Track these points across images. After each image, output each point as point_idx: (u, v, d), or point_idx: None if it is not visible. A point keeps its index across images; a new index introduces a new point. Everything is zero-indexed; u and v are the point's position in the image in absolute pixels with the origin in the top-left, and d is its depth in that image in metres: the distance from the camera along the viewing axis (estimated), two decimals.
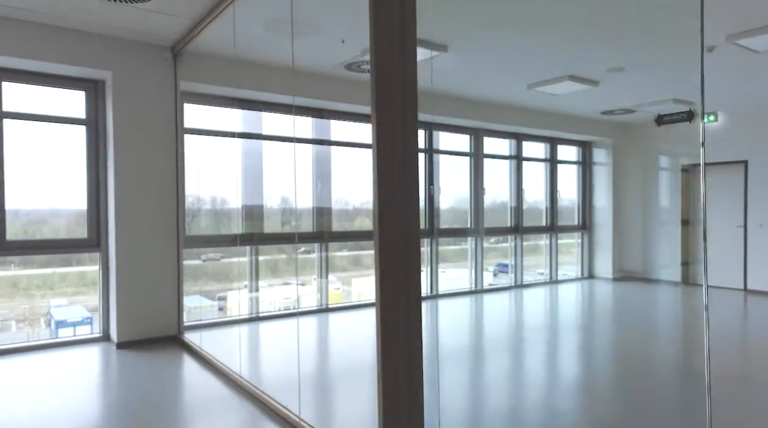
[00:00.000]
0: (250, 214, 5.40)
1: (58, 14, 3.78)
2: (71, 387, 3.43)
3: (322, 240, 5.91)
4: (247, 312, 5.57)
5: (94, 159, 4.56)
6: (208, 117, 5.07)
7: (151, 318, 4.44)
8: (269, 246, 5.74)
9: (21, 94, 4.26)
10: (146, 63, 4.42)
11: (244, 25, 3.90)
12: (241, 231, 5.39)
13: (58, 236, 4.54)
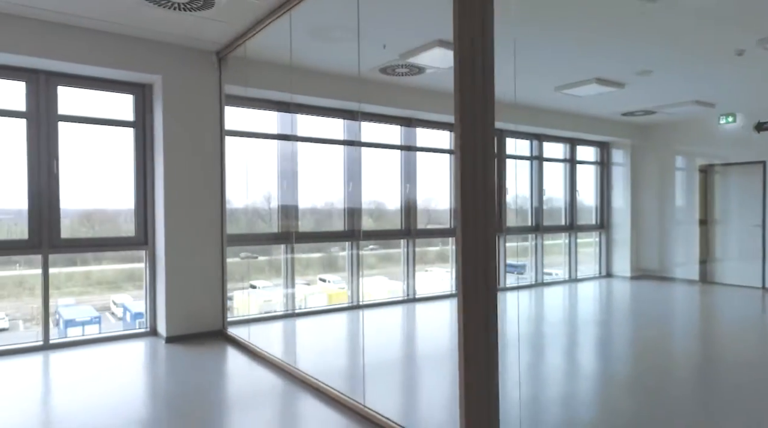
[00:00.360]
0: (285, 213, 5.56)
1: (113, 21, 3.94)
2: (136, 377, 3.60)
3: (354, 239, 6.07)
4: (286, 308, 5.73)
5: (141, 160, 4.73)
6: (248, 119, 5.23)
7: (197, 313, 4.61)
8: (302, 244, 5.90)
9: (75, 98, 4.43)
10: (193, 67, 4.58)
11: (286, 32, 4.06)
12: (281, 230, 5.55)
13: (108, 234, 4.71)
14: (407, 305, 6.42)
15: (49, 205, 4.29)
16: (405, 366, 3.99)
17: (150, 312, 4.76)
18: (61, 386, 3.41)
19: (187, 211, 4.57)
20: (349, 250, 6.16)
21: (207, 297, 4.66)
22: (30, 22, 3.89)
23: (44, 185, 4.27)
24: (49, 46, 3.97)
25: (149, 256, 4.74)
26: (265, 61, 4.78)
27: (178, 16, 3.81)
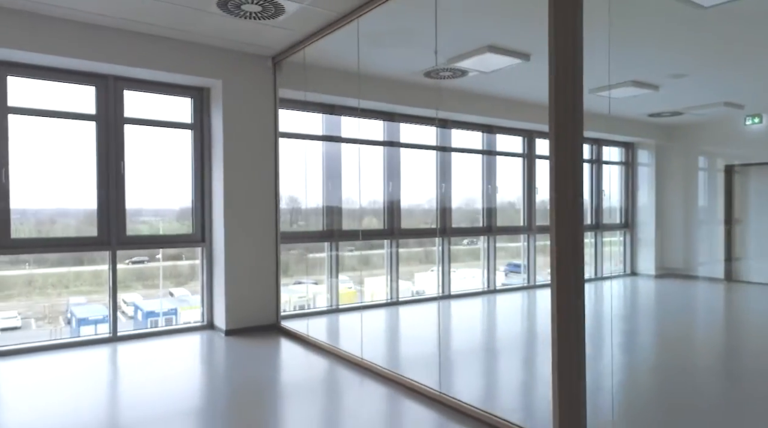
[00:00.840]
0: (338, 212, 5.75)
1: (178, 28, 4.13)
2: (209, 366, 3.80)
3: (393, 237, 6.25)
4: (330, 303, 5.92)
5: (199, 161, 4.93)
6: (299, 121, 5.42)
7: (253, 308, 4.81)
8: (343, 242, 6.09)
9: (136, 101, 4.64)
10: (250, 72, 4.77)
11: (347, 38, 4.24)
12: (329, 228, 5.73)
13: (163, 232, 4.92)
14: (444, 301, 6.60)
15: (116, 204, 4.50)
16: (473, 356, 4.16)
17: (207, 307, 4.96)
18: (141, 374, 3.62)
19: (244, 209, 4.77)
20: (388, 249, 6.34)
21: (262, 292, 4.86)
22: (102, 30, 4.08)
23: (112, 185, 4.48)
24: (118, 52, 4.16)
25: (206, 253, 4.94)
26: (321, 66, 4.94)
27: (243, 23, 4.00)
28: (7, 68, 4.04)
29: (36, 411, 2.93)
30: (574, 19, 2.28)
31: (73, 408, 2.98)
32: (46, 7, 3.70)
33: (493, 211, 7.25)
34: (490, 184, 7.17)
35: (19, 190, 4.13)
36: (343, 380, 3.49)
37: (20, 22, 3.77)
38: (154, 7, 3.69)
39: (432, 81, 5.57)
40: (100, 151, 4.45)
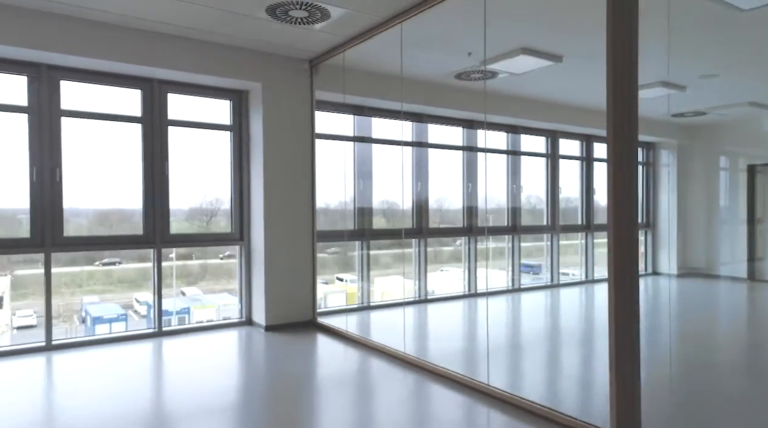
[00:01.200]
0: (368, 211, 5.86)
1: (221, 32, 4.26)
2: (255, 359, 3.93)
3: (421, 236, 6.36)
4: (361, 301, 6.04)
5: (237, 162, 5.06)
6: (334, 123, 5.54)
7: (291, 304, 4.94)
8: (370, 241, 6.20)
9: (179, 103, 4.78)
10: (288, 75, 4.90)
11: (388, 42, 4.35)
12: (357, 227, 5.85)
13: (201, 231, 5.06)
14: (471, 299, 6.70)
15: (161, 204, 4.65)
16: (515, 349, 4.26)
17: (245, 303, 5.09)
18: (190, 367, 3.75)
19: (282, 209, 4.90)
20: (416, 248, 6.45)
21: (300, 289, 4.99)
22: (149, 35, 4.22)
23: (157, 185, 4.63)
24: (163, 56, 4.30)
25: (244, 251, 5.08)
26: (359, 69, 5.04)
27: (286, 28, 4.12)
28: (60, 73, 4.20)
29: (93, 400, 3.07)
30: (630, 22, 2.37)
31: (124, 398, 3.12)
32: (97, 13, 3.85)
33: (517, 210, 7.33)
34: (515, 183, 7.25)
35: (70, 189, 4.29)
36: (386, 372, 3.60)
37: (73, 28, 3.92)
38: (203, 12, 3.83)
39: (462, 83, 5.66)
40: (146, 153, 4.59)
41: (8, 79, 4.07)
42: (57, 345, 4.20)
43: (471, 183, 6.79)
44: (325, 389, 3.30)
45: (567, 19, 4.23)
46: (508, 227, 7.25)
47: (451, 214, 6.91)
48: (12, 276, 4.45)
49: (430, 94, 5.74)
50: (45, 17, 3.81)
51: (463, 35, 4.37)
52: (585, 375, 3.65)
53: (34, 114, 4.12)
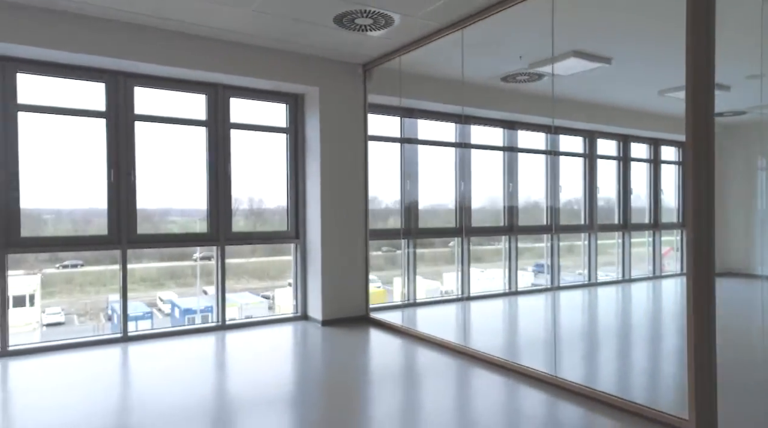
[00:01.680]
0: (414, 211, 6.03)
1: (282, 39, 4.45)
2: (318, 351, 4.12)
3: (463, 235, 6.50)
4: (406, 298, 6.20)
5: (293, 163, 5.27)
6: (381, 125, 5.71)
7: (346, 299, 5.12)
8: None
9: (239, 107, 5.01)
10: (343, 79, 5.09)
11: (434, 46, 4.51)
12: (404, 226, 6.02)
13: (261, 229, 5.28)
14: (512, 297, 6.81)
15: (224, 203, 4.88)
16: (576, 343, 4.38)
17: (301, 299, 5.30)
18: (261, 357, 3.96)
19: (338, 208, 5.09)
20: (458, 247, 6.59)
21: (353, 286, 5.17)
22: (213, 42, 4.44)
23: (221, 185, 4.86)
24: (227, 62, 4.51)
25: (300, 249, 5.28)
26: (413, 73, 5.20)
27: (347, 34, 4.30)
28: (135, 80, 4.45)
29: (166, 388, 3.29)
30: (707, 24, 2.49)
31: (197, 386, 3.33)
32: (172, 23, 4.08)
33: (556, 209, 7.41)
34: (554, 183, 7.34)
35: (143, 190, 4.54)
36: (443, 363, 3.75)
37: (147, 37, 4.15)
38: (275, 22, 4.03)
39: (508, 85, 5.79)
40: (210, 155, 4.83)
41: (87, 85, 4.33)
42: (132, 337, 4.45)
43: (512, 183, 6.90)
44: (390, 377, 3.47)
45: (617, 21, 4.34)
46: (546, 226, 7.34)
47: (492, 213, 7.03)
48: (42, 274, 4.66)
49: (476, 96, 5.87)
50: (123, 27, 4.05)
51: (514, 39, 4.51)
52: (651, 367, 3.77)
53: (111, 118, 4.38)
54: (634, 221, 8.32)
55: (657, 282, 8.42)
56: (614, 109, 7.32)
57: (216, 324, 4.85)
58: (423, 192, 6.14)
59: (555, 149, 7.41)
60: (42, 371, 3.62)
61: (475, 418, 2.80)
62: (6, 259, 3.99)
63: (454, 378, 3.52)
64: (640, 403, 2.84)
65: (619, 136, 8.20)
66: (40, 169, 4.15)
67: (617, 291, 7.73)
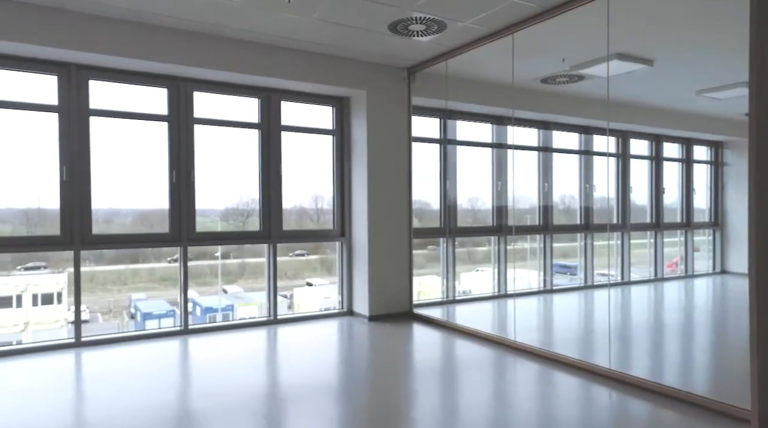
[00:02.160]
0: (453, 210, 6.17)
1: (330, 44, 4.62)
2: (370, 344, 4.29)
3: (502, 234, 6.62)
4: (446, 295, 6.35)
5: (339, 164, 5.45)
6: (421, 126, 5.87)
7: (391, 296, 5.29)
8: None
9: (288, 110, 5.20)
10: (389, 82, 5.26)
11: (479, 51, 4.64)
12: (442, 225, 6.17)
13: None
14: (548, 295, 6.91)
15: (276, 203, 5.08)
16: (627, 337, 4.49)
17: (346, 295, 5.48)
18: (314, 349, 4.14)
19: (383, 207, 5.25)
20: (495, 245, 6.71)
21: (398, 282, 5.34)
22: (266, 48, 4.62)
23: (273, 186, 5.06)
24: (280, 67, 4.69)
25: (345, 247, 5.46)
26: (456, 76, 5.34)
27: (397, 40, 4.46)
28: (194, 85, 4.67)
29: (219, 378, 3.48)
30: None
31: (245, 378, 3.52)
32: (229, 30, 4.27)
33: (590, 209, 7.48)
34: (588, 183, 7.41)
35: (201, 190, 4.76)
36: (491, 358, 3.89)
37: (208, 46, 4.36)
38: (330, 29, 4.20)
39: (547, 86, 5.89)
40: (263, 156, 5.03)
41: (150, 91, 4.56)
42: (192, 330, 4.67)
43: (547, 183, 7.00)
44: (446, 366, 3.62)
45: (661, 24, 4.43)
46: (580, 225, 7.42)
47: (528, 212, 7.14)
48: (68, 273, 4.80)
49: (518, 98, 5.98)
50: (183, 36, 4.26)
51: (558, 42, 4.62)
52: (708, 360, 3.87)
53: (173, 122, 4.60)
54: (663, 220, 8.34)
55: (689, 281, 8.43)
56: (648, 109, 7.36)
57: (268, 319, 5.06)
58: (462, 191, 6.28)
59: (589, 149, 7.48)
60: (114, 360, 3.85)
61: (530, 408, 2.94)
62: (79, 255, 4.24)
63: (506, 369, 3.66)
64: (702, 395, 2.94)
65: (652, 135, 8.23)
66: (110, 170, 4.39)
67: (651, 290, 7.77)
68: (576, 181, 7.49)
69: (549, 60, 5.17)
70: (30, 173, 4.17)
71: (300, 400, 3.05)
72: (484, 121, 6.48)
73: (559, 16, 3.85)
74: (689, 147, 8.81)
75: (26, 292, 4.64)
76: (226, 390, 3.19)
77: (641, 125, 7.55)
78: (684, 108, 7.37)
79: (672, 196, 8.83)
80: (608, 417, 2.79)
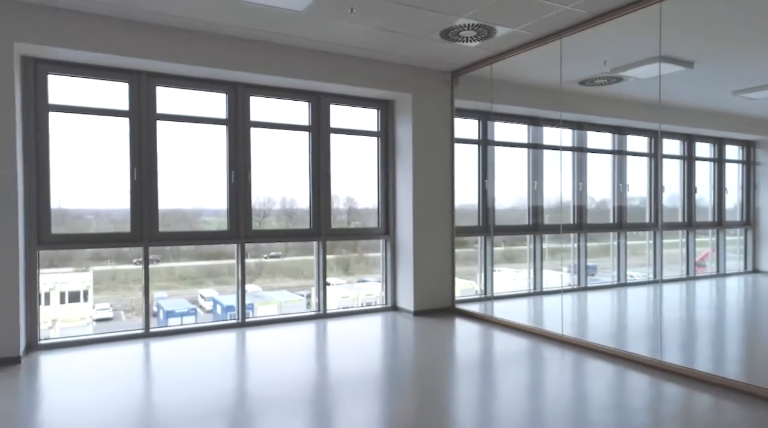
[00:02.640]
0: (492, 208, 6.34)
1: (379, 50, 4.81)
2: (420, 337, 4.49)
3: (537, 232, 6.75)
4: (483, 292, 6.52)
5: (384, 165, 5.65)
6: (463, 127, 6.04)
7: (434, 291, 5.48)
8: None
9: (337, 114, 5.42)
10: (433, 86, 5.44)
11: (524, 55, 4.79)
12: (480, 223, 6.33)
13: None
14: (581, 292, 7.03)
15: (325, 202, 5.30)
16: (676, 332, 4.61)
17: (390, 291, 5.68)
18: (367, 341, 4.34)
19: (427, 206, 5.44)
20: (531, 244, 6.85)
21: (441, 278, 5.52)
22: (318, 54, 4.83)
23: (324, 186, 5.28)
24: (330, 72, 4.90)
25: (390, 244, 5.66)
26: (498, 79, 5.50)
27: (445, 45, 4.63)
28: (249, 89, 4.91)
29: (276, 370, 3.70)
30: None
31: (299, 367, 3.73)
32: (279, 36, 4.47)
33: (624, 208, 7.58)
34: (621, 182, 7.51)
35: (257, 191, 5.00)
36: (535, 348, 4.06)
37: (266, 53, 4.58)
38: (384, 36, 4.40)
39: (586, 88, 6.02)
40: (314, 158, 5.25)
41: (210, 96, 4.81)
42: (250, 323, 4.91)
43: (581, 182, 7.11)
44: (495, 356, 3.80)
45: (704, 27, 4.55)
46: (613, 224, 7.51)
47: (559, 212, 7.25)
48: (93, 271, 4.88)
49: (551, 99, 6.12)
50: (242, 43, 4.50)
51: (602, 45, 4.76)
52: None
53: (232, 125, 4.85)
54: (695, 219, 8.38)
55: (721, 280, 8.46)
56: (682, 109, 7.43)
57: (318, 313, 5.28)
58: (499, 191, 6.43)
59: (622, 149, 7.57)
60: (187, 349, 4.10)
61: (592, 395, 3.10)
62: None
63: (560, 361, 3.82)
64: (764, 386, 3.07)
65: (684, 135, 8.28)
66: (174, 171, 4.65)
67: (685, 288, 7.83)
68: (608, 180, 7.59)
69: (590, 62, 5.30)
70: (103, 174, 4.44)
71: (359, 388, 3.25)
72: (520, 122, 6.62)
73: (610, 22, 3.98)
74: (721, 146, 8.84)
75: (54, 290, 4.80)
76: (288, 379, 3.41)
77: (675, 125, 7.62)
78: (717, 108, 7.42)
79: (703, 195, 8.86)
80: (672, 407, 2.94)
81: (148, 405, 2.98)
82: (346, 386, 3.27)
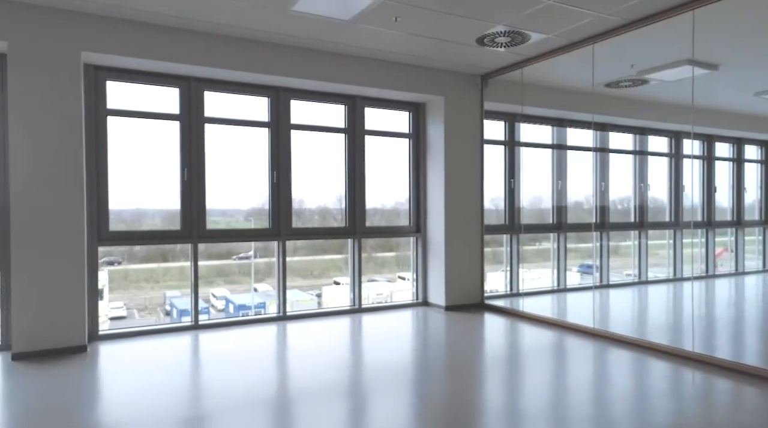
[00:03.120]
0: (511, 208, 6.52)
1: (413, 54, 5.00)
2: (452, 330, 4.68)
3: (560, 231, 6.93)
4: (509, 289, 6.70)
5: (416, 165, 5.85)
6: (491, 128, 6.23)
7: (465, 287, 5.67)
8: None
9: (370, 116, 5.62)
10: (464, 89, 5.63)
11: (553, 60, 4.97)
12: (507, 222, 6.52)
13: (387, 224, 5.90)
14: (603, 290, 7.20)
15: (361, 202, 5.51)
16: (703, 326, 4.79)
17: (421, 286, 5.88)
18: (406, 334, 4.54)
19: (458, 205, 5.64)
20: (555, 243, 7.02)
21: (472, 275, 5.71)
22: (354, 59, 5.03)
23: (358, 187, 5.49)
24: (365, 76, 5.10)
25: (421, 242, 5.87)
26: (527, 82, 5.69)
27: (478, 50, 4.82)
28: (290, 93, 5.13)
29: (322, 358, 3.91)
30: None
31: (338, 358, 3.94)
32: (320, 43, 4.68)
33: (644, 208, 7.72)
34: (642, 182, 7.65)
35: (297, 191, 5.22)
36: (573, 343, 4.24)
37: (307, 59, 4.79)
38: (421, 42, 4.60)
39: (610, 90, 6.18)
40: (350, 159, 5.47)
41: (253, 100, 5.03)
42: (290, 316, 5.14)
43: (603, 182, 7.27)
44: (526, 347, 3.99)
45: (730, 30, 4.70)
46: (635, 223, 7.66)
47: (583, 211, 7.42)
48: (108, 270, 4.93)
49: (580, 101, 6.29)
50: (285, 50, 4.72)
51: (631, 49, 4.92)
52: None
53: (273, 128, 5.07)
54: (714, 218, 8.50)
55: (740, 278, 8.57)
56: (704, 110, 7.55)
57: (353, 308, 5.50)
58: (524, 190, 6.60)
59: (644, 149, 7.71)
60: (226, 341, 4.33)
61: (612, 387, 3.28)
62: (196, 247, 4.74)
63: (591, 354, 4.01)
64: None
65: (703, 136, 8.40)
66: (220, 172, 4.88)
67: (703, 286, 7.96)
68: (629, 180, 7.74)
69: (618, 65, 5.47)
70: (154, 175, 4.68)
71: (397, 377, 3.46)
72: (545, 124, 6.79)
73: (644, 29, 4.15)
74: (740, 146, 8.94)
75: None
76: (328, 369, 3.62)
77: (697, 126, 7.74)
78: (738, 109, 7.54)
79: (723, 194, 8.97)
80: (725, 399, 3.11)
81: (198, 394, 3.21)
82: (385, 374, 3.47)
